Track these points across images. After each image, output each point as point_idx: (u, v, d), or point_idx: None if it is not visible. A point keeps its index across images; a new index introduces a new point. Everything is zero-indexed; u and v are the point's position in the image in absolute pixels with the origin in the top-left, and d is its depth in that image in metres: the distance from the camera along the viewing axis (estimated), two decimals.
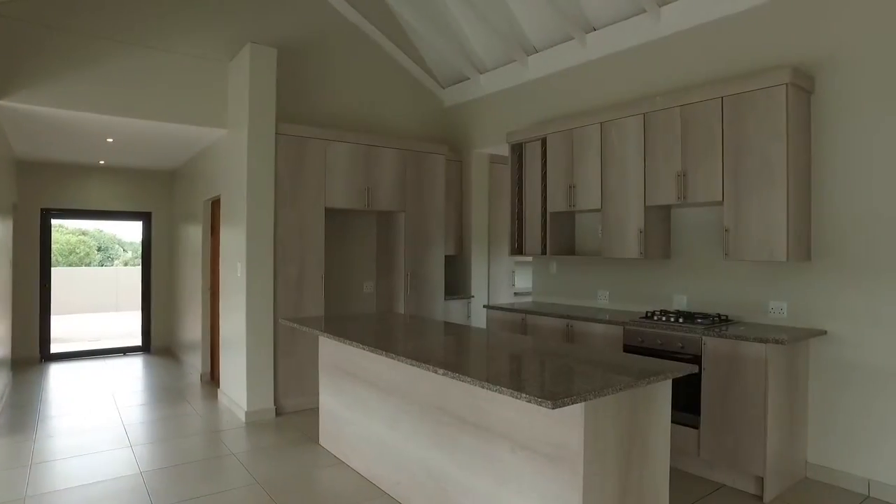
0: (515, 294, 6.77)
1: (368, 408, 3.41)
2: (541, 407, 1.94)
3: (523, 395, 1.91)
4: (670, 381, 2.37)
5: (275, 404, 4.74)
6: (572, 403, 1.88)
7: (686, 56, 4.21)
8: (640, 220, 4.11)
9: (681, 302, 4.23)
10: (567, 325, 4.35)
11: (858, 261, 3.35)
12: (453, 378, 2.23)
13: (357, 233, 5.84)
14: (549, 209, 4.88)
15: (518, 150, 5.29)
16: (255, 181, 4.64)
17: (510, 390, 1.96)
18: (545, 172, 4.96)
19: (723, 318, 3.78)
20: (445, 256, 6.19)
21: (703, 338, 3.45)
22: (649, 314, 3.99)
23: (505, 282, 6.60)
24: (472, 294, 6.27)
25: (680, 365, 2.44)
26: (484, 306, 5.22)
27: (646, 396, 2.31)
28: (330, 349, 3.88)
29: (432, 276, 5.83)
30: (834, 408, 3.42)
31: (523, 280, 7.29)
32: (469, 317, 6.22)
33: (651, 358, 2.63)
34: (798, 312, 3.59)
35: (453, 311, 6.08)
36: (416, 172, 5.69)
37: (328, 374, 3.91)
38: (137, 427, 4.46)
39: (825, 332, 3.44)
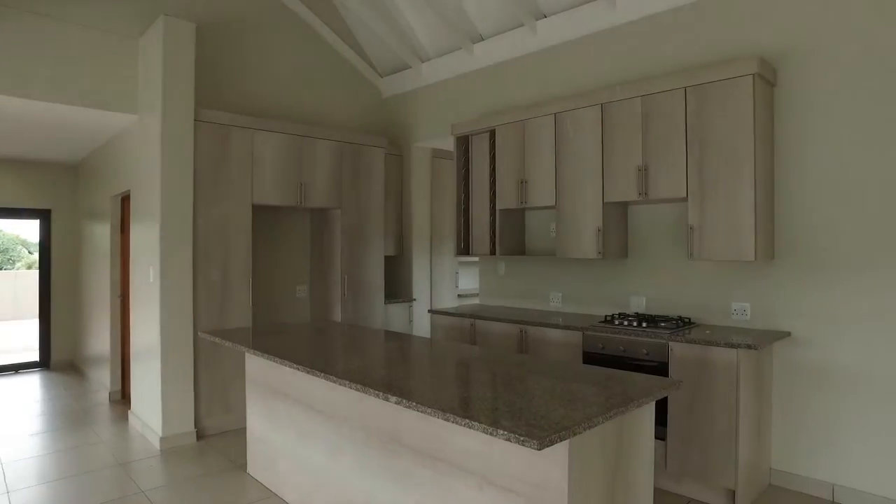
0: (459, 296, 6.45)
1: (305, 433, 2.97)
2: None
3: (501, 431, 1.55)
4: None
5: (195, 426, 4.18)
6: (561, 441, 1.54)
7: (645, 45, 4.00)
8: (599, 218, 3.87)
9: (639, 304, 4.03)
10: (521, 331, 4.05)
11: (822, 259, 3.23)
12: (409, 408, 1.85)
13: (289, 232, 5.32)
14: (498, 206, 4.58)
15: (464, 143, 4.95)
16: (170, 173, 4.06)
17: (484, 425, 1.60)
18: (494, 167, 4.65)
19: (685, 320, 3.59)
20: (385, 257, 5.78)
21: (670, 343, 3.23)
22: (609, 318, 3.75)
23: (448, 283, 6.27)
24: (414, 297, 5.89)
25: (665, 381, 2.16)
26: (429, 311, 4.85)
27: (631, 419, 2.02)
28: (259, 365, 3.40)
29: (371, 279, 5.41)
30: (798, 411, 3.30)
31: (467, 281, 6.98)
32: (411, 321, 5.83)
33: (629, 372, 2.36)
34: (761, 314, 3.45)
35: (394, 316, 5.68)
36: (353, 167, 5.25)
37: (257, 394, 3.42)
38: (23, 465, 3.76)
39: (789, 334, 3.31)
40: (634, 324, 3.50)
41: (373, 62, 6.01)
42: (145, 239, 4.30)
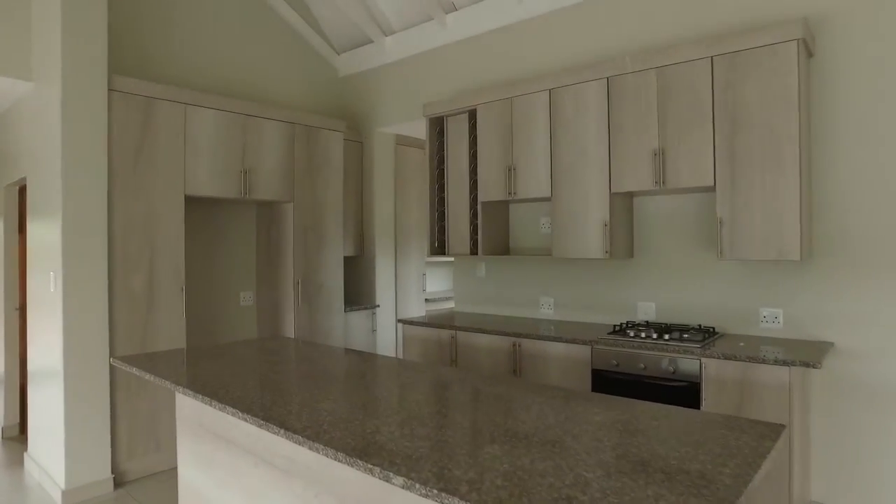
0: (427, 301, 5.80)
1: (255, 493, 2.25)
2: None
3: None
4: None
5: (113, 472, 3.35)
6: None
7: (660, 9, 3.48)
8: (605, 211, 3.32)
9: (648, 311, 3.50)
10: (514, 346, 3.45)
11: (865, 258, 2.78)
12: (428, 496, 1.20)
13: (230, 230, 4.52)
14: (480, 198, 3.96)
15: (438, 125, 4.31)
16: (74, 155, 3.22)
17: None
18: (475, 152, 4.04)
19: (709, 330, 3.09)
20: (344, 258, 5.06)
21: (703, 360, 2.71)
22: (620, 328, 3.20)
23: (414, 287, 5.61)
24: (378, 303, 5.20)
25: (769, 427, 1.60)
26: (398, 321, 4.18)
27: None
28: (194, 402, 2.64)
29: (329, 283, 4.68)
30: (841, 435, 2.84)
31: (435, 283, 6.35)
32: (374, 330, 5.14)
33: (705, 413, 1.79)
34: (794, 321, 2.98)
35: (355, 326, 4.97)
36: (307, 153, 4.50)
37: (191, 437, 2.66)
38: None
39: (833, 345, 2.85)
40: (654, 335, 2.96)
41: (328, 37, 5.27)
42: (44, 237, 3.43)
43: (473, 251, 4.06)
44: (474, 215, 4.07)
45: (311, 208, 4.54)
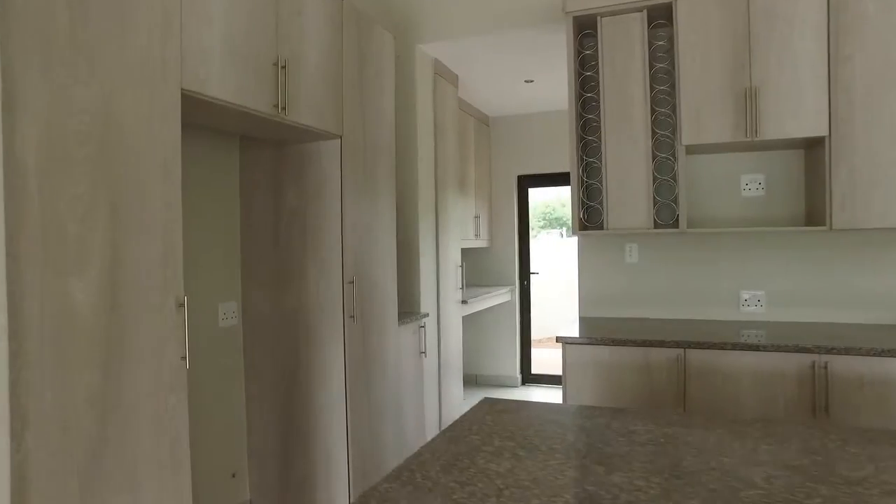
0: (464, 302, 4.10)
1: None
2: None
3: None
4: None
5: None
6: None
7: None
8: None
9: None
10: (812, 367, 2.03)
11: None
12: None
13: (195, 190, 2.47)
14: (684, 140, 2.46)
15: (587, 27, 2.72)
16: None
17: None
18: (677, 68, 2.52)
19: None
20: None
21: None
22: None
23: (451, 284, 3.88)
24: (425, 310, 3.42)
25: None
26: (558, 339, 2.52)
27: None
28: None
29: (383, 281, 2.82)
30: None
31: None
32: (423, 352, 3.34)
33: None
34: None
35: (405, 346, 3.15)
36: (358, 53, 2.61)
37: None
38: None
39: None
40: None
41: None
42: None
43: (670, 222, 2.56)
44: (658, 168, 2.56)
45: (363, 152, 2.65)
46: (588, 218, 2.74)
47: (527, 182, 5.33)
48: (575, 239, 2.94)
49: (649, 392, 2.29)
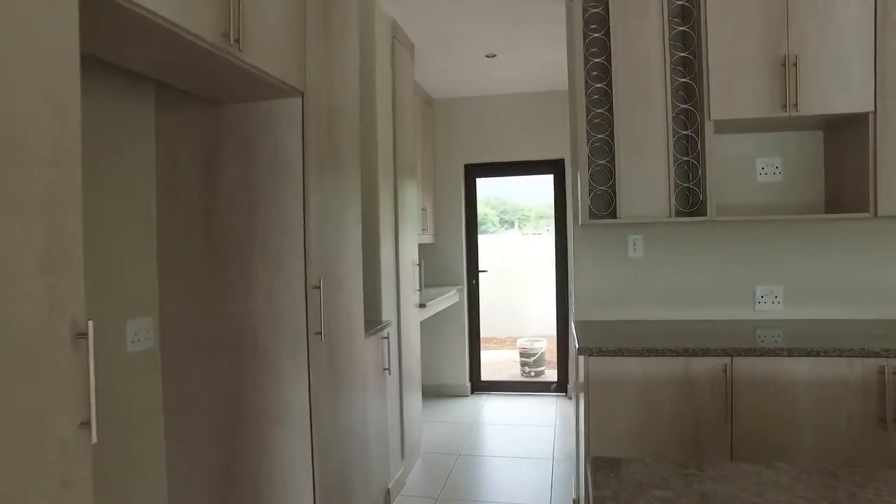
0: (422, 306, 3.56)
1: None
2: None
3: None
4: None
5: None
6: None
7: None
8: None
9: None
10: (882, 371, 1.74)
11: None
12: None
13: (108, 147, 1.78)
14: (712, 115, 2.12)
15: None
16: None
17: None
18: (703, 32, 2.16)
19: None
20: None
21: None
22: None
23: (409, 285, 3.34)
24: (386, 318, 2.87)
25: None
26: (579, 351, 2.19)
27: None
28: None
29: (349, 281, 2.25)
30: None
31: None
32: (387, 369, 2.77)
33: None
34: None
35: (370, 362, 2.58)
36: (323, 1, 2.03)
37: None
38: None
39: None
40: None
41: None
42: None
43: (686, 210, 2.20)
44: (682, 148, 2.20)
45: (328, 118, 2.06)
46: (591, 206, 2.34)
47: (475, 172, 4.89)
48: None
49: (690, 411, 1.91)
